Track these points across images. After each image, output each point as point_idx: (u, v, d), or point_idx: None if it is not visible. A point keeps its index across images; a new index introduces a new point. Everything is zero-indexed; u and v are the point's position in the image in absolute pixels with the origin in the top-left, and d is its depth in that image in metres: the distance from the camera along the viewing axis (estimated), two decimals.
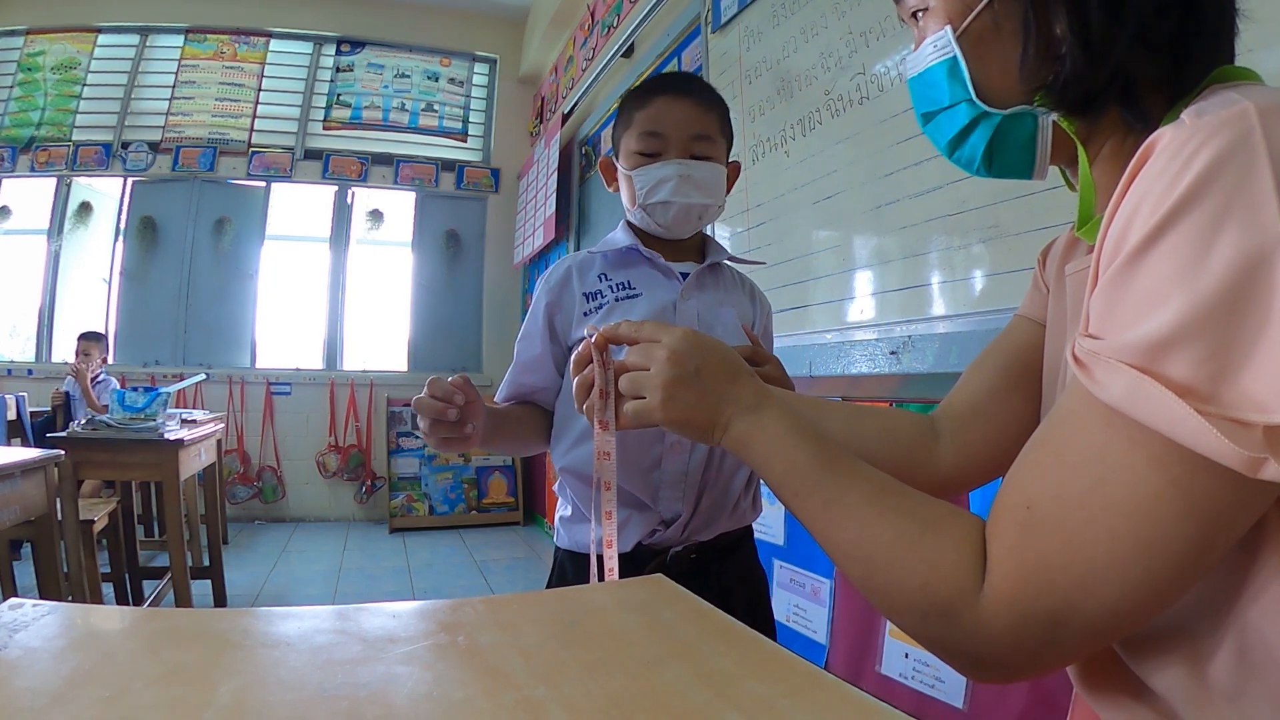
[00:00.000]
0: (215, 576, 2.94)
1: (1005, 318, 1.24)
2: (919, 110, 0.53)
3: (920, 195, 1.48)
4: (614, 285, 0.98)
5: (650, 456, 0.92)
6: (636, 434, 0.81)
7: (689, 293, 0.97)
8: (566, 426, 0.99)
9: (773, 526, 2.01)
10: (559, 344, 0.98)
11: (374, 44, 5.19)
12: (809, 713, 0.33)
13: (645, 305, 0.95)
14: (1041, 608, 0.36)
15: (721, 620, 0.48)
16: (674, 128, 0.95)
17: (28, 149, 4.66)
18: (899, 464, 0.64)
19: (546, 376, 0.99)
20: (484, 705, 0.34)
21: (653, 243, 1.00)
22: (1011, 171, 0.51)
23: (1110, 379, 0.34)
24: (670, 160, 0.94)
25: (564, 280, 0.99)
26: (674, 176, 0.94)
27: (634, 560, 0.90)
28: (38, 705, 0.32)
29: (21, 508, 1.75)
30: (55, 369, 4.44)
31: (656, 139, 0.95)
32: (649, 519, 0.92)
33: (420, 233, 5.18)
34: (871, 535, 0.43)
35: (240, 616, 0.48)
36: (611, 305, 0.96)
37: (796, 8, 1.95)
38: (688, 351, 0.53)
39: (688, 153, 0.95)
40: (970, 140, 0.50)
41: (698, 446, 0.93)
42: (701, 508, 0.94)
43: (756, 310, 1.06)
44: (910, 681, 1.44)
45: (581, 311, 0.97)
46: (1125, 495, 0.34)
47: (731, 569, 0.99)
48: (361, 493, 4.88)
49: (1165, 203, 0.32)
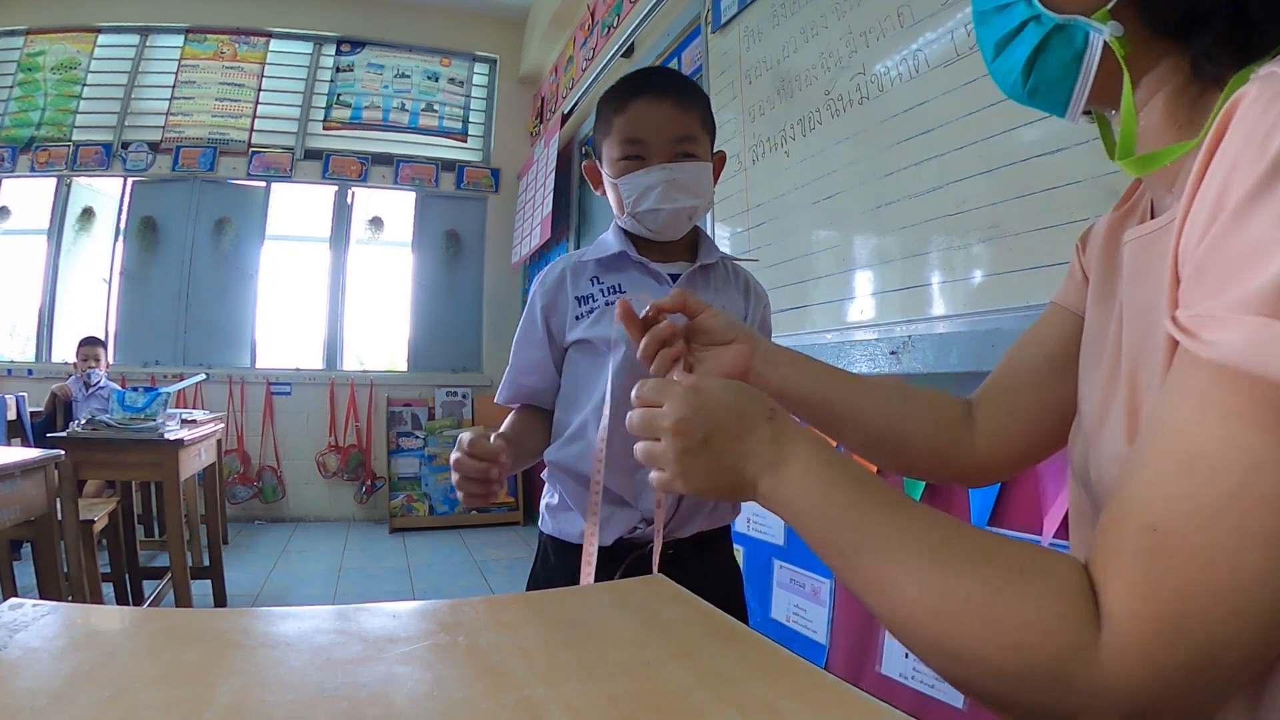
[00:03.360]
0: (215, 576, 2.94)
1: (1005, 317, 1.25)
2: (975, 9, 0.50)
3: (920, 195, 1.48)
4: (605, 289, 0.99)
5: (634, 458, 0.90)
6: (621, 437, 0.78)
7: None
8: (563, 419, 1.01)
9: (772, 527, 2.01)
10: (556, 345, 1.00)
11: (374, 44, 5.19)
12: (809, 713, 0.33)
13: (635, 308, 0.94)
14: (1185, 650, 0.30)
15: (721, 620, 0.48)
16: (655, 132, 0.93)
17: (28, 149, 4.66)
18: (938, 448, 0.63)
19: (547, 378, 1.01)
20: (484, 705, 0.34)
21: (644, 244, 1.01)
22: (1048, 96, 0.47)
23: (1228, 334, 0.30)
24: (655, 166, 0.93)
25: (558, 283, 1.01)
26: (660, 183, 0.93)
27: (614, 554, 0.93)
28: (38, 705, 0.32)
29: (21, 508, 1.75)
30: (55, 369, 4.44)
31: (638, 145, 0.94)
32: (630, 516, 0.95)
33: (420, 233, 5.18)
34: (941, 592, 0.36)
35: (240, 616, 0.48)
36: (602, 309, 0.98)
37: (796, 8, 1.95)
38: (692, 418, 0.49)
39: (671, 155, 0.94)
40: (1015, 46, 0.46)
41: None
42: (682, 508, 0.96)
43: (750, 304, 1.07)
44: (910, 681, 1.44)
45: (574, 315, 0.98)
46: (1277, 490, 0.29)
47: (707, 565, 1.02)
48: (361, 493, 4.88)
49: (1266, 155, 0.30)
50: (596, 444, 0.77)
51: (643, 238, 1.01)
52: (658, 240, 1.00)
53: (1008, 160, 1.27)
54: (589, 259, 1.02)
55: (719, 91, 2.38)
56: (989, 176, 1.31)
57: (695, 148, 0.96)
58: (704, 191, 0.97)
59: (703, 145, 0.97)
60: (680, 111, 0.94)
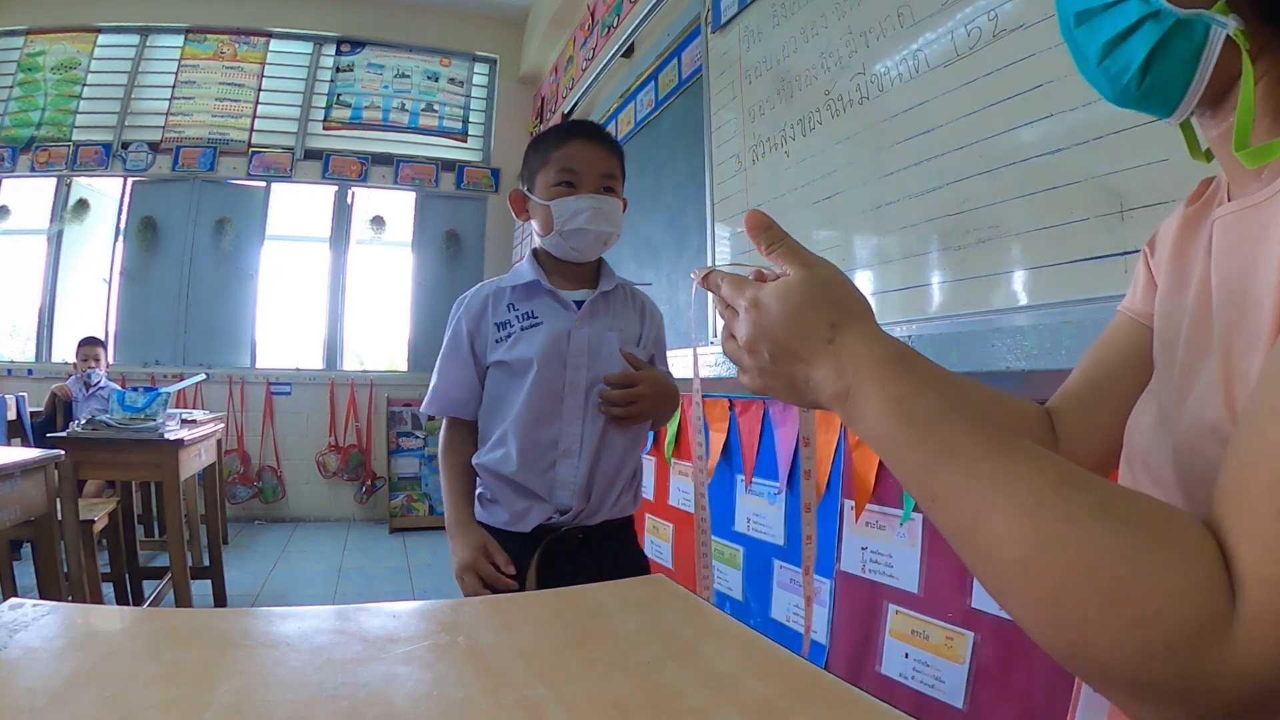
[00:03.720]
0: (215, 576, 2.94)
1: (1005, 317, 1.25)
2: (1072, 9, 0.48)
3: (920, 195, 1.48)
4: (520, 315, 1.16)
5: (546, 461, 1.13)
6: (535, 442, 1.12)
7: (582, 321, 1.16)
8: (487, 428, 1.18)
9: (773, 526, 2.01)
10: (479, 364, 1.17)
11: (374, 44, 5.19)
12: (809, 713, 0.33)
13: (545, 333, 1.14)
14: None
15: (721, 620, 0.48)
16: (588, 166, 1.13)
17: (28, 149, 4.66)
18: None
19: (472, 392, 1.18)
20: (484, 705, 0.34)
21: (555, 271, 1.19)
22: (1159, 96, 0.46)
23: None
24: (585, 194, 1.12)
25: (481, 310, 1.18)
26: (588, 208, 1.12)
27: (533, 537, 1.12)
28: (38, 705, 0.32)
29: (21, 508, 1.75)
30: (55, 369, 4.44)
31: (573, 175, 1.13)
32: (546, 509, 1.13)
33: (420, 233, 5.18)
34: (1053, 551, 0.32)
35: (240, 616, 0.48)
36: (518, 334, 1.15)
37: (796, 8, 1.95)
38: (756, 336, 0.47)
39: (598, 188, 1.14)
40: (1130, 44, 0.44)
41: (583, 456, 1.14)
42: (591, 503, 1.15)
43: (646, 324, 1.25)
44: (910, 681, 1.44)
45: (494, 339, 1.16)
46: None
47: (612, 549, 1.19)
48: (361, 493, 4.88)
49: None
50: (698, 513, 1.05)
51: (551, 268, 1.19)
52: (577, 260, 1.18)
53: (1008, 160, 1.27)
54: (506, 286, 1.19)
55: (719, 91, 2.38)
56: (989, 176, 1.31)
57: (615, 185, 1.16)
58: (619, 222, 1.16)
59: (620, 186, 1.18)
60: (607, 154, 1.16)
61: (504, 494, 1.14)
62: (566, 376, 1.14)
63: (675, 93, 2.86)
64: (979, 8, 1.32)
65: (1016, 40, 1.24)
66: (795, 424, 1.89)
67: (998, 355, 1.22)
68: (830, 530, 1.78)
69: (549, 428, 1.13)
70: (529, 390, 1.11)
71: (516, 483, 1.12)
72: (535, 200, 1.16)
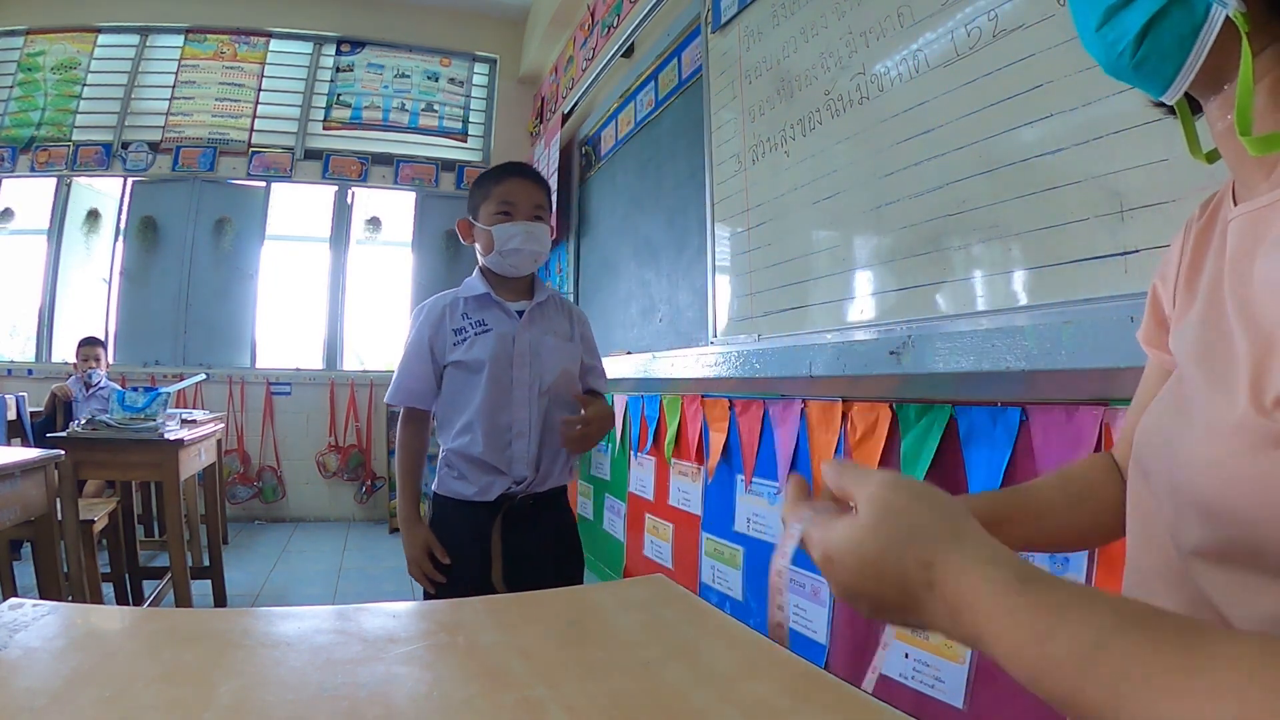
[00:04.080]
0: (215, 576, 2.94)
1: (1005, 318, 1.25)
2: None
3: (920, 195, 1.48)
4: (474, 323, 1.43)
5: (503, 442, 1.40)
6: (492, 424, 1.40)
7: (524, 328, 1.44)
8: (451, 419, 1.43)
9: (773, 526, 2.01)
10: (437, 363, 1.43)
11: (374, 44, 5.19)
12: (809, 713, 0.33)
13: (494, 338, 1.41)
14: None
15: (721, 620, 0.48)
16: (523, 199, 1.42)
17: (28, 149, 4.66)
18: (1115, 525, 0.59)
19: (429, 386, 1.44)
20: (484, 705, 0.34)
21: (498, 286, 1.46)
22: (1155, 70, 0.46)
23: None
24: (520, 221, 1.41)
25: (439, 317, 1.44)
26: (522, 232, 1.40)
27: (496, 505, 1.39)
28: (38, 705, 0.32)
29: (21, 508, 1.75)
30: (55, 369, 4.44)
31: (510, 205, 1.42)
32: (506, 480, 1.39)
33: (420, 233, 5.18)
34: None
35: (240, 616, 0.48)
36: (473, 339, 1.41)
37: (796, 8, 1.95)
38: (846, 593, 0.41)
39: (530, 216, 1.42)
40: (1130, 12, 0.45)
41: (532, 436, 1.41)
42: (540, 472, 1.42)
43: (574, 325, 1.54)
44: (910, 681, 1.44)
45: (452, 343, 1.42)
46: None
47: (553, 512, 1.47)
48: (361, 493, 4.88)
49: None
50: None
51: (495, 283, 1.46)
52: (512, 276, 1.46)
53: (1008, 160, 1.27)
54: (460, 298, 1.46)
55: (719, 91, 2.38)
56: (989, 176, 1.31)
57: (543, 214, 1.45)
58: (546, 243, 1.45)
59: (547, 214, 1.47)
60: (537, 189, 1.46)
61: (471, 471, 1.40)
62: (514, 373, 1.41)
63: (675, 93, 2.86)
64: (979, 8, 1.32)
65: (1016, 40, 1.24)
66: (795, 424, 1.89)
67: (998, 355, 1.22)
68: None
69: (503, 414, 1.40)
70: (484, 385, 1.39)
71: (482, 461, 1.38)
72: (479, 226, 1.44)
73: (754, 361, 1.89)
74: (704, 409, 2.37)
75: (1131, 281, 1.05)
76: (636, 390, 2.97)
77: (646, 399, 2.85)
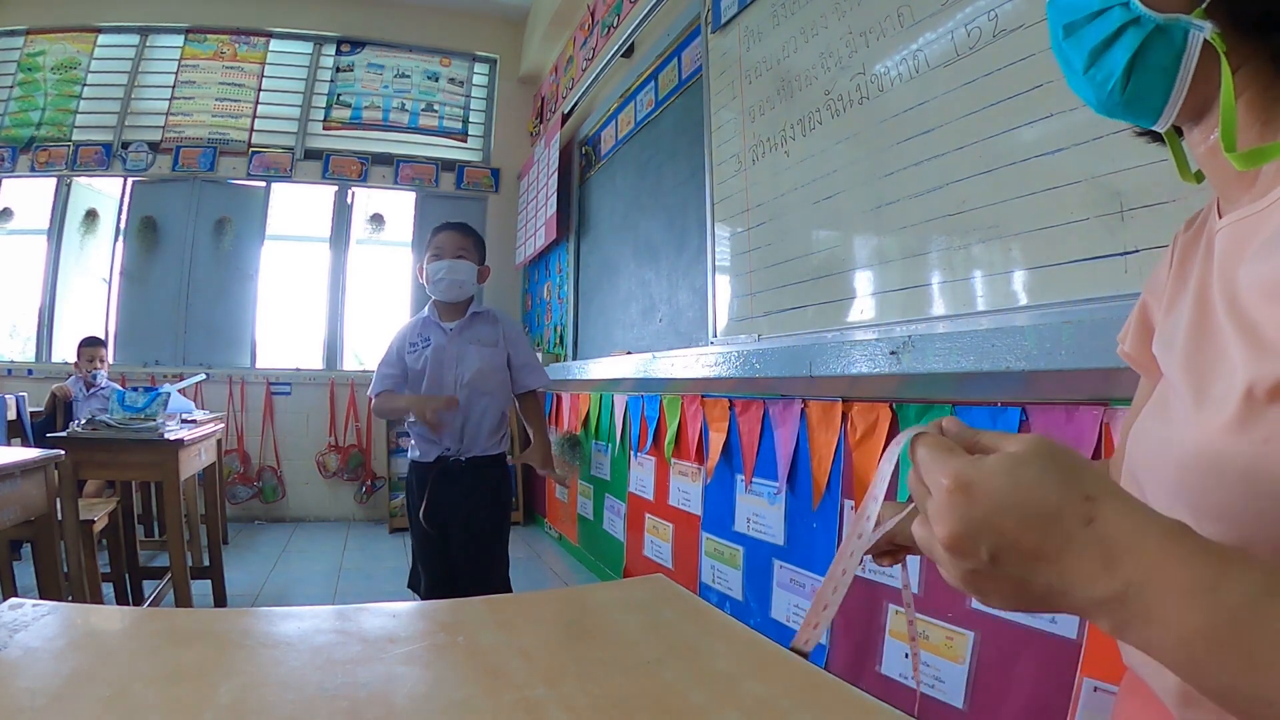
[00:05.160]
0: (215, 576, 2.94)
1: (1005, 317, 1.25)
2: (1060, 22, 0.50)
3: (920, 195, 1.48)
4: (421, 339, 2.04)
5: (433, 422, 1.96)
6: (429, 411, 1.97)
7: (451, 340, 2.02)
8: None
9: (772, 526, 2.01)
10: (403, 366, 2.05)
11: (374, 44, 5.19)
12: (809, 713, 0.33)
13: (432, 350, 2.01)
14: None
15: (721, 620, 0.48)
16: (448, 244, 2.01)
17: (28, 149, 4.66)
18: None
19: (400, 379, 2.05)
20: (484, 705, 0.34)
21: (444, 311, 2.05)
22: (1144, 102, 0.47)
23: None
24: (445, 260, 1.99)
25: (406, 335, 2.07)
26: (446, 266, 1.98)
27: (435, 464, 1.98)
28: (38, 705, 0.32)
29: (21, 508, 1.75)
30: (55, 369, 4.44)
31: (440, 249, 2.00)
32: (438, 447, 1.99)
33: (420, 233, 5.17)
34: None
35: (240, 616, 0.48)
36: (420, 351, 2.02)
37: (796, 8, 1.95)
38: (965, 534, 0.35)
39: (454, 256, 1.99)
40: (1113, 52, 0.46)
41: (458, 416, 1.99)
42: (465, 443, 2.00)
43: (499, 330, 2.08)
44: (910, 681, 1.44)
45: (409, 353, 2.03)
46: None
47: (482, 475, 2.01)
48: (361, 493, 4.87)
49: None
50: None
51: (441, 309, 2.04)
52: (446, 300, 2.03)
53: (1008, 160, 1.27)
54: (419, 320, 2.08)
55: (719, 91, 2.38)
56: (989, 176, 1.31)
57: (466, 254, 2.01)
58: (470, 276, 2.02)
59: (473, 256, 2.03)
60: (462, 235, 2.03)
61: (421, 443, 2.02)
62: (443, 372, 2.00)
63: (675, 93, 2.86)
64: (979, 8, 1.32)
65: (1016, 40, 1.24)
66: (795, 424, 1.89)
67: (998, 355, 1.22)
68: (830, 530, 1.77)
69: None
70: (426, 383, 2.01)
71: (422, 434, 2.00)
72: (424, 266, 2.02)
73: (754, 361, 1.89)
74: (704, 409, 2.37)
75: (1131, 281, 1.05)
76: (636, 390, 2.97)
77: (646, 399, 2.85)
